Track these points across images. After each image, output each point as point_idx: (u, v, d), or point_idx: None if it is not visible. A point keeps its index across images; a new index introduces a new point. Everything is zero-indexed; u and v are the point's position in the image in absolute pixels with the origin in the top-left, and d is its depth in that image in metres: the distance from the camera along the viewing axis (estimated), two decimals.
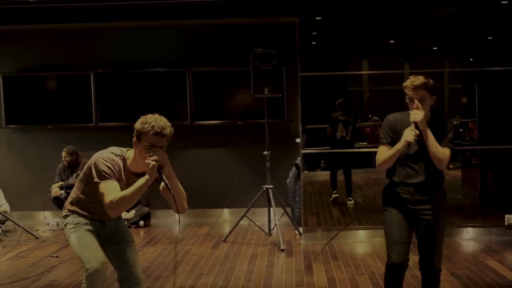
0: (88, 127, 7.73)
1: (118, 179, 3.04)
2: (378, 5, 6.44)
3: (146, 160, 2.91)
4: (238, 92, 7.59)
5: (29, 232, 6.74)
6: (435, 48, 6.77)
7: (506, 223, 6.29)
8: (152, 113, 3.02)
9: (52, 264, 5.55)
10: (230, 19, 7.08)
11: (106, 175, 2.98)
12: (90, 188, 3.11)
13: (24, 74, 7.78)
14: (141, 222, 7.36)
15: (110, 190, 2.95)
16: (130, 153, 3.10)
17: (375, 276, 4.92)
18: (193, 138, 7.77)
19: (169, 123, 3.00)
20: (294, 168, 7.17)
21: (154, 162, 2.88)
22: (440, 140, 3.35)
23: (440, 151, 3.33)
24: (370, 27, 6.64)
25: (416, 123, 3.27)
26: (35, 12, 6.83)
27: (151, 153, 2.90)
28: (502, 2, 6.32)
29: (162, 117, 3.01)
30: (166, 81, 7.68)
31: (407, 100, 3.38)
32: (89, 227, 3.20)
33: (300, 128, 6.60)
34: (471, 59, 6.68)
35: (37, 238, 6.70)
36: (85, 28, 7.60)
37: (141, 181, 2.93)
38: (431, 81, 3.37)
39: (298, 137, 6.76)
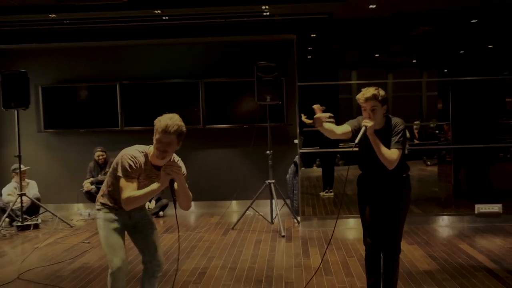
0: (115, 130, 7.77)
1: (139, 174, 3.04)
2: (365, 24, 6.46)
3: (162, 170, 2.91)
4: (244, 99, 7.59)
5: (64, 222, 6.80)
6: (414, 61, 6.73)
7: (476, 212, 6.30)
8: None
9: (84, 249, 5.60)
10: (237, 37, 7.07)
11: (127, 172, 2.98)
12: (118, 181, 3.05)
13: (60, 85, 7.83)
14: (161, 213, 7.35)
15: (127, 188, 2.96)
16: (151, 149, 3.08)
17: (363, 259, 4.90)
18: (205, 139, 7.78)
19: (179, 122, 2.92)
20: (292, 165, 7.16)
21: (167, 175, 2.89)
22: (390, 143, 3.33)
23: (387, 154, 3.28)
24: (359, 43, 6.64)
25: (366, 128, 3.29)
26: (69, 32, 6.89)
27: (167, 166, 2.90)
28: (472, 21, 6.35)
29: (175, 116, 2.94)
30: (182, 91, 7.70)
31: (362, 109, 3.36)
32: (116, 224, 3.16)
33: (298, 130, 6.58)
34: (445, 70, 6.65)
35: (71, 226, 6.75)
36: (112, 46, 7.63)
37: (154, 185, 2.94)
38: (381, 92, 3.31)
39: (296, 139, 6.75)
